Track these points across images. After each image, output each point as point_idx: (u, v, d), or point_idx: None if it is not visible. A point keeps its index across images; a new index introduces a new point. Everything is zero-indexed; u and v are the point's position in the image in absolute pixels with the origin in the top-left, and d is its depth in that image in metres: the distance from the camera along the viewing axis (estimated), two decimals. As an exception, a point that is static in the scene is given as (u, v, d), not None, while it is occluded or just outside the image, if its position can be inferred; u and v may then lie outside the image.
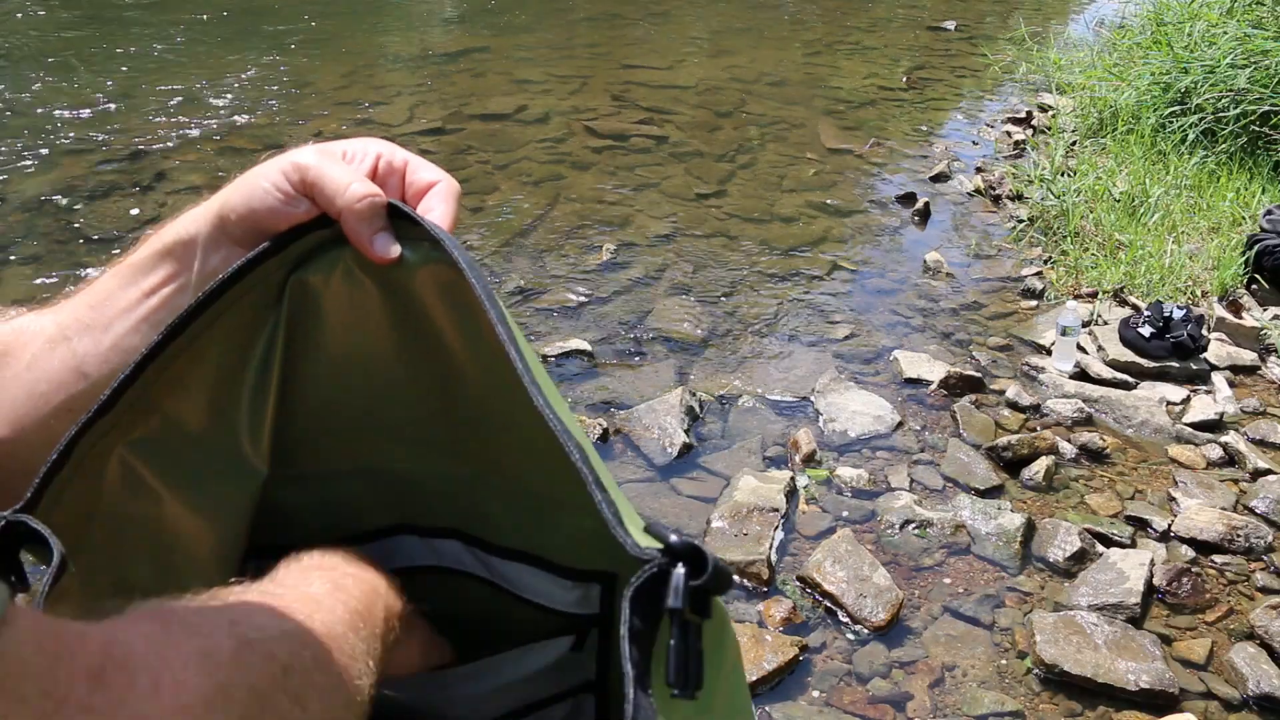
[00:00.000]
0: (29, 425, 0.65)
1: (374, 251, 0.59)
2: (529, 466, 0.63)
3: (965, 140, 6.06)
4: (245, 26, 7.81)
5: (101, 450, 0.56)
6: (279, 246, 0.60)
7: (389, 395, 0.64)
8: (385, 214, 0.60)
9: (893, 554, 2.73)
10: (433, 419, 0.64)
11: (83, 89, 6.17)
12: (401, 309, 0.61)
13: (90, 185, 4.89)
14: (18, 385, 0.65)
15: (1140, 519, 2.86)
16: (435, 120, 5.90)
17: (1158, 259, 4.14)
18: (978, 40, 8.09)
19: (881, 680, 2.35)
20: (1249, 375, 3.56)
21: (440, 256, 0.59)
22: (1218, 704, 2.30)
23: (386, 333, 0.62)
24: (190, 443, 0.59)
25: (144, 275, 0.65)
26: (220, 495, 0.61)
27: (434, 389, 0.63)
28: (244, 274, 0.58)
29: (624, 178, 5.26)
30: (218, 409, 0.61)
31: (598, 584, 0.66)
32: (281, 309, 0.61)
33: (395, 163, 0.64)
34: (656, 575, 0.45)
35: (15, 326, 0.68)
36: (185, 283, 0.64)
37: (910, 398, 3.45)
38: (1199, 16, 5.77)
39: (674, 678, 0.44)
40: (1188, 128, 5.05)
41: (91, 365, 0.64)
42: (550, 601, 0.67)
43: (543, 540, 0.66)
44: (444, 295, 0.60)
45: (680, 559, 0.45)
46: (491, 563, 0.68)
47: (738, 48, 7.78)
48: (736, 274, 4.33)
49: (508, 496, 0.65)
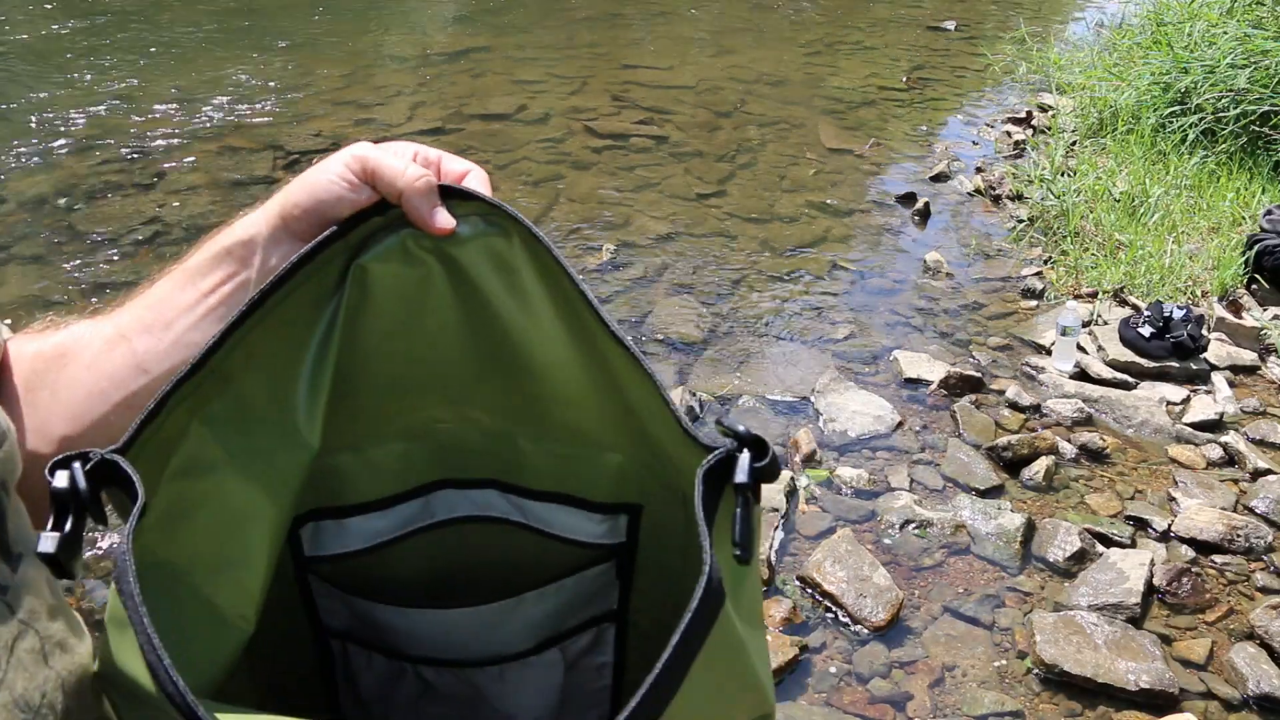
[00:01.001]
0: (90, 423, 0.67)
1: (434, 224, 0.64)
2: (564, 413, 0.69)
3: (965, 140, 6.05)
4: (245, 26, 7.81)
5: (180, 416, 0.59)
6: (343, 232, 0.65)
7: (437, 363, 0.69)
8: (438, 193, 0.65)
9: (893, 554, 2.73)
10: (476, 379, 0.70)
11: (83, 89, 6.17)
12: (454, 280, 0.66)
13: (90, 185, 4.89)
14: (78, 385, 0.68)
15: (1140, 519, 2.86)
16: (435, 120, 5.90)
17: (1158, 259, 4.14)
18: (978, 40, 8.09)
19: (881, 680, 2.35)
20: (1249, 375, 3.56)
21: (489, 229, 0.65)
22: (1218, 704, 2.30)
23: (438, 305, 0.67)
24: (252, 417, 0.63)
25: (203, 276, 0.69)
26: (273, 468, 0.64)
27: (479, 352, 0.69)
28: (315, 255, 0.63)
29: (624, 178, 5.26)
30: (278, 386, 0.64)
31: (625, 515, 0.72)
32: (342, 292, 0.65)
33: (430, 158, 0.70)
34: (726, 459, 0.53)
35: (73, 332, 0.71)
36: (245, 279, 0.68)
37: (910, 398, 3.45)
38: (1199, 16, 5.77)
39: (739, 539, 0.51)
40: (1188, 128, 5.05)
41: (152, 362, 0.68)
42: (580, 535, 0.73)
43: (574, 480, 0.72)
44: (493, 262, 0.66)
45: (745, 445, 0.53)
46: (526, 506, 0.74)
47: (738, 48, 7.78)
48: (736, 274, 4.33)
49: (542, 442, 0.71)
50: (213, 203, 4.82)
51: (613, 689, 0.80)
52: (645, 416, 0.65)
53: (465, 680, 0.77)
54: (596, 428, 0.68)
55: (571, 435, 0.70)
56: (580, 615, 0.77)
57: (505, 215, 0.65)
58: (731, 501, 0.53)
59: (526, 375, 0.68)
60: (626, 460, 0.70)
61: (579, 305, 0.63)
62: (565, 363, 0.66)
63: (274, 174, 5.15)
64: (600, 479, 0.71)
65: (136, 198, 4.83)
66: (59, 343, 0.71)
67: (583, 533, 0.73)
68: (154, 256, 4.33)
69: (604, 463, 0.70)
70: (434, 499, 0.74)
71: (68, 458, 0.52)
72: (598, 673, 0.79)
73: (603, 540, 0.74)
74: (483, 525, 0.75)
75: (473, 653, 0.76)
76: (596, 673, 0.79)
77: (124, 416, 0.67)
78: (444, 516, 0.75)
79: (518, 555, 0.75)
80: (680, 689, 0.47)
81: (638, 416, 0.67)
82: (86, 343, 0.70)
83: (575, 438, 0.70)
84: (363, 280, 0.66)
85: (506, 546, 0.75)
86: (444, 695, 0.77)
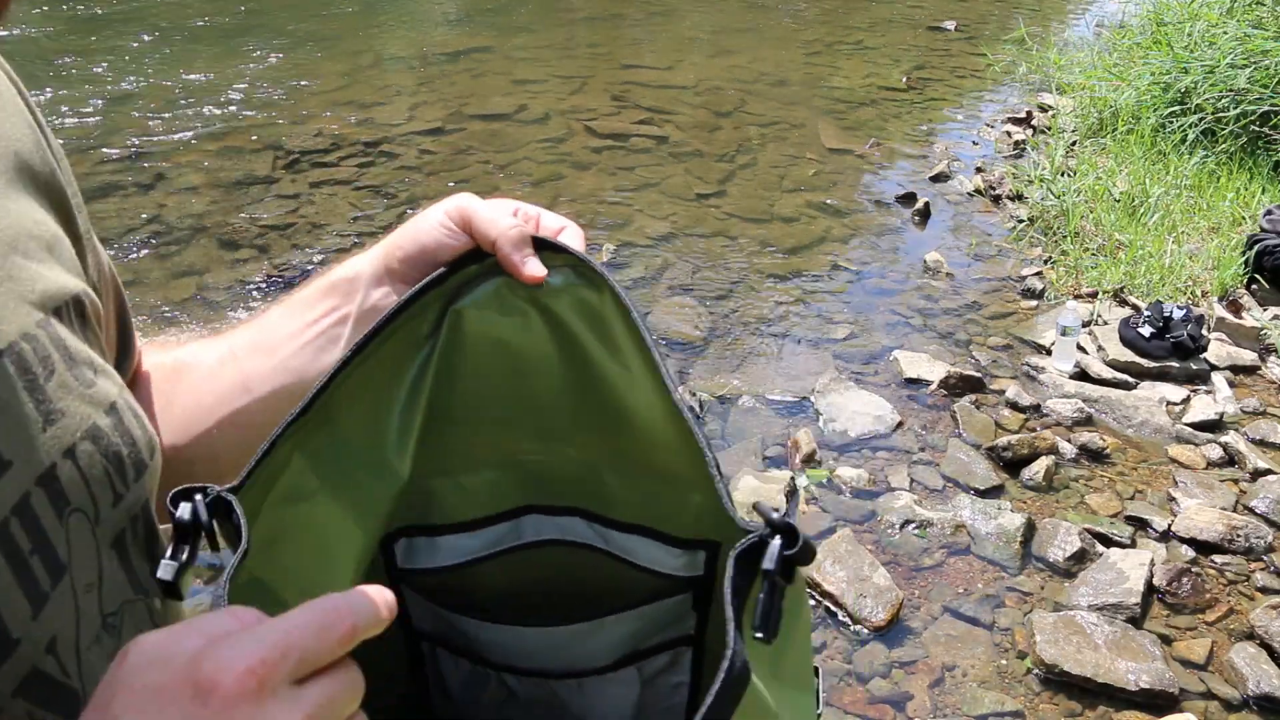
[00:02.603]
0: (195, 435, 0.73)
1: (525, 272, 0.68)
2: (648, 453, 0.73)
3: (965, 140, 6.05)
4: (245, 26, 7.81)
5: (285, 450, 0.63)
6: (441, 279, 0.69)
7: (530, 400, 0.73)
8: (532, 243, 0.69)
9: (893, 554, 2.73)
10: (567, 418, 0.74)
11: (83, 89, 6.17)
12: (548, 326, 0.71)
13: (90, 185, 4.89)
14: (190, 398, 0.74)
15: (1140, 519, 2.86)
16: (435, 120, 5.90)
17: (1158, 259, 4.14)
18: (978, 40, 8.09)
19: (881, 680, 2.35)
20: (1249, 375, 3.56)
21: (579, 281, 0.69)
22: (1218, 704, 2.30)
23: (532, 349, 0.71)
24: (348, 451, 0.67)
25: (309, 308, 0.74)
26: (364, 496, 0.69)
27: (571, 392, 0.73)
28: (415, 300, 0.68)
29: (624, 178, 5.27)
30: (373, 422, 0.69)
31: (703, 551, 0.76)
32: (439, 336, 0.70)
33: (530, 213, 0.73)
34: (757, 543, 0.56)
35: (190, 349, 0.78)
36: (347, 314, 0.73)
37: (910, 398, 3.45)
38: (1199, 16, 5.77)
39: (759, 623, 0.54)
40: (1188, 128, 5.05)
41: (256, 382, 0.73)
42: (660, 567, 0.77)
43: (656, 515, 0.75)
44: (582, 312, 0.70)
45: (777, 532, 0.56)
46: (609, 535, 0.78)
47: (738, 48, 7.78)
48: (736, 274, 4.33)
49: (627, 478, 0.75)
50: (213, 203, 4.83)
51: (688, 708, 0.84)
52: None
53: (545, 689, 0.81)
54: (679, 468, 0.72)
55: (655, 473, 0.73)
56: (657, 638, 0.80)
57: (594, 271, 0.68)
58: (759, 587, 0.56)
59: (617, 416, 0.72)
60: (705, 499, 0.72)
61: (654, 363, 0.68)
62: (653, 408, 0.70)
63: (274, 174, 5.15)
64: (682, 515, 0.74)
65: (136, 198, 4.83)
66: (176, 357, 0.78)
67: (663, 564, 0.77)
68: (154, 257, 4.33)
69: (685, 501, 0.73)
70: (522, 522, 0.78)
71: (189, 490, 0.55)
72: (674, 690, 0.83)
73: (681, 573, 0.77)
74: (568, 548, 0.78)
75: (552, 666, 0.80)
76: (673, 690, 0.83)
77: (226, 432, 0.73)
78: (531, 539, 0.78)
79: (599, 579, 0.78)
80: None
81: None
82: (199, 360, 0.76)
83: (659, 476, 0.73)
84: (458, 324, 0.70)
85: (589, 570, 0.78)
86: (525, 702, 0.82)
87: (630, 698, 0.82)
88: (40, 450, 0.53)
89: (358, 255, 0.75)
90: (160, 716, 0.41)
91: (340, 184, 5.05)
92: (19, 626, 0.49)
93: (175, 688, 0.41)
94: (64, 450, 0.55)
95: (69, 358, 0.57)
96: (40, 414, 0.54)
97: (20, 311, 0.55)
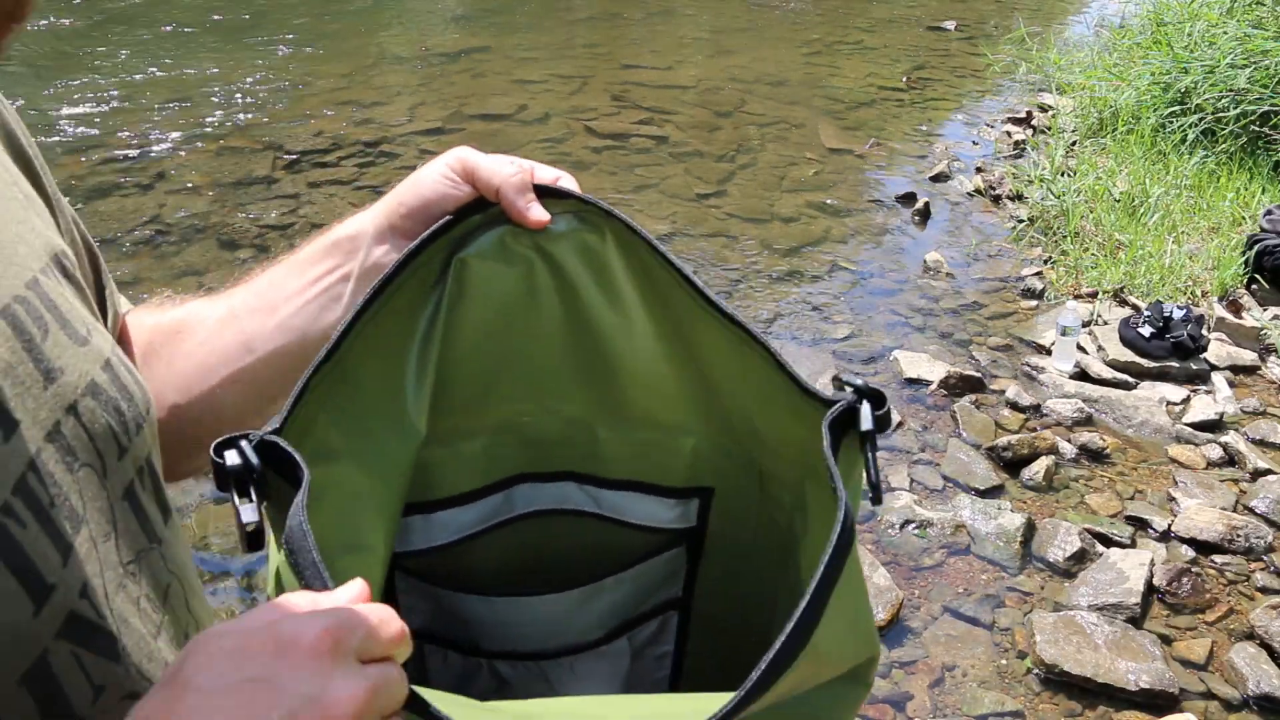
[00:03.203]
0: (197, 394, 0.73)
1: (531, 217, 0.68)
2: (643, 402, 0.73)
3: (965, 140, 6.05)
4: (245, 26, 7.81)
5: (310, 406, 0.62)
6: (446, 228, 0.68)
7: (531, 357, 0.73)
8: (534, 188, 0.69)
9: (893, 554, 2.73)
10: (562, 373, 0.73)
11: (83, 88, 6.17)
12: (551, 275, 0.70)
13: (90, 185, 4.89)
14: (191, 358, 0.74)
15: (1140, 519, 2.86)
16: (435, 120, 5.90)
17: (1158, 259, 4.14)
18: (978, 40, 8.09)
19: (881, 680, 2.35)
20: (1249, 375, 3.56)
21: (582, 226, 0.69)
22: (1218, 704, 2.30)
23: (534, 300, 0.71)
24: (367, 406, 0.66)
25: (311, 266, 0.73)
26: (387, 455, 0.67)
27: (570, 347, 0.72)
28: (423, 248, 0.67)
29: (624, 178, 5.26)
30: (389, 375, 0.68)
31: (696, 499, 0.75)
32: (445, 285, 0.69)
33: (525, 165, 0.73)
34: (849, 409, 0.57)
35: (189, 308, 0.77)
36: (349, 272, 0.72)
37: (910, 398, 3.45)
38: (1199, 16, 5.77)
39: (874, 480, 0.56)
40: (1188, 128, 5.05)
41: (258, 342, 0.73)
42: (653, 521, 0.77)
43: (649, 466, 0.75)
44: (585, 257, 0.69)
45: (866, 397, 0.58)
46: (601, 496, 0.77)
47: (738, 48, 7.78)
48: (736, 274, 4.33)
49: (620, 431, 0.74)
50: (213, 203, 4.83)
51: (671, 680, 0.83)
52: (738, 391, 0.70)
53: (539, 674, 0.80)
54: (674, 413, 0.72)
55: (649, 421, 0.74)
56: (649, 602, 0.80)
57: (599, 211, 0.68)
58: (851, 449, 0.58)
59: (609, 366, 0.72)
60: (701, 442, 0.73)
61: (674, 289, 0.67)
62: (648, 352, 0.70)
63: (274, 174, 5.15)
64: (675, 463, 0.75)
65: (136, 198, 4.83)
66: (176, 318, 0.77)
67: (656, 518, 0.77)
68: (154, 256, 4.33)
69: (678, 447, 0.73)
70: (514, 493, 0.78)
71: (233, 438, 0.54)
72: (658, 663, 0.83)
73: (674, 525, 0.77)
74: (561, 517, 0.78)
75: (549, 643, 0.79)
76: (657, 663, 0.83)
77: (229, 391, 0.73)
78: (524, 510, 0.78)
79: (594, 544, 0.78)
80: (820, 620, 0.50)
81: (720, 396, 0.70)
82: (200, 320, 0.75)
83: (652, 424, 0.73)
84: (462, 274, 0.69)
85: (584, 536, 0.78)
86: (517, 691, 0.81)
87: (620, 673, 0.82)
88: (45, 408, 0.54)
89: (360, 212, 0.74)
90: (239, 672, 0.43)
91: (340, 184, 5.05)
92: (52, 573, 0.51)
93: (255, 646, 0.44)
94: (66, 407, 0.56)
95: (60, 316, 0.58)
96: (40, 373, 0.54)
97: (9, 273, 0.55)
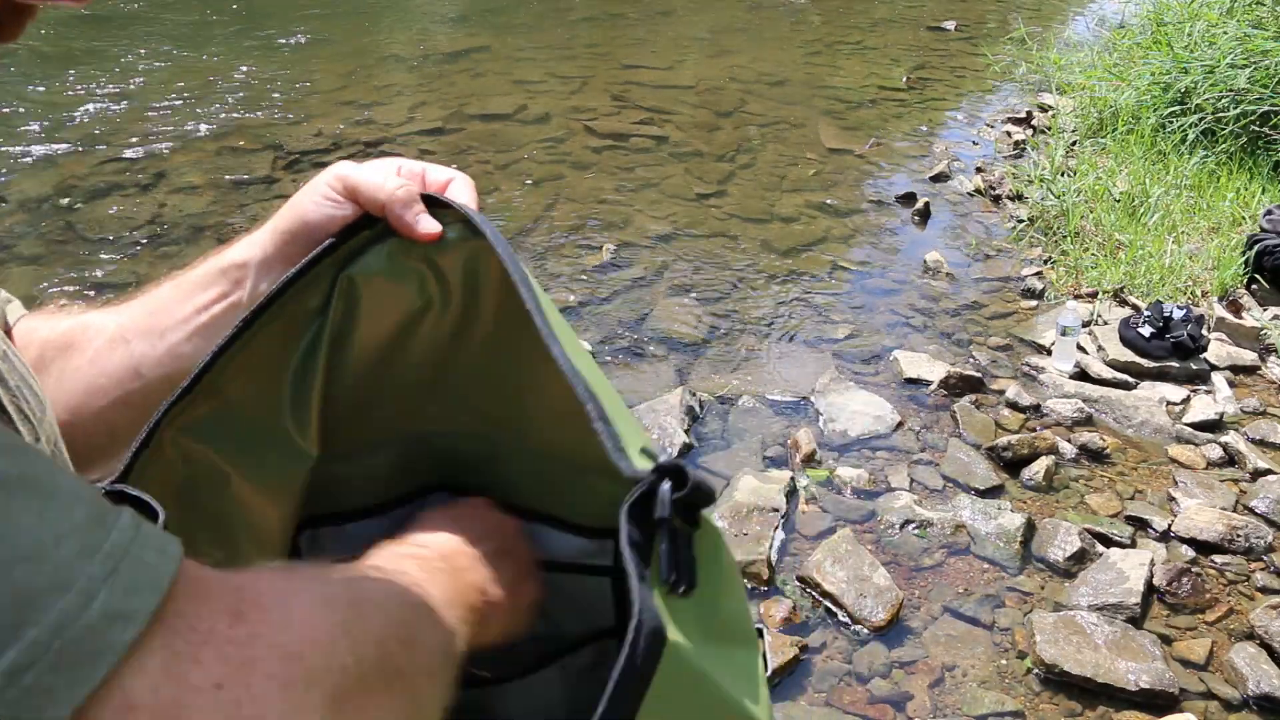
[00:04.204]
0: (86, 414, 0.73)
1: (419, 231, 0.65)
2: (554, 432, 0.69)
3: (965, 140, 6.05)
4: (245, 26, 7.81)
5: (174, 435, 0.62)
6: (331, 249, 0.66)
7: (423, 367, 0.70)
8: (421, 201, 0.66)
9: (893, 554, 2.73)
10: (465, 386, 0.71)
11: (83, 88, 6.17)
12: (438, 288, 0.67)
13: (90, 185, 4.89)
14: (79, 377, 0.74)
15: (1140, 519, 2.86)
16: (435, 120, 5.90)
17: (1158, 259, 4.14)
18: (978, 40, 8.09)
19: (881, 680, 2.35)
20: (1249, 375, 3.56)
21: (470, 236, 0.65)
22: (1218, 704, 2.30)
23: (425, 311, 0.68)
24: (246, 424, 0.65)
25: (200, 290, 0.73)
26: (280, 474, 0.67)
27: (467, 359, 0.70)
28: (303, 274, 0.65)
29: (624, 178, 5.26)
30: (267, 395, 0.67)
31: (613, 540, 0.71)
32: (330, 305, 0.67)
33: (414, 170, 0.72)
34: (647, 491, 0.51)
35: (81, 322, 0.76)
36: (237, 300, 0.72)
37: (910, 398, 3.45)
38: (1199, 16, 5.77)
39: (666, 573, 0.50)
40: (1188, 128, 5.05)
41: (147, 367, 0.73)
42: (565, 556, 0.73)
43: (563, 503, 0.72)
44: (476, 270, 0.66)
45: (665, 476, 0.51)
46: None
47: (738, 48, 7.78)
48: (736, 274, 4.33)
49: (533, 463, 0.72)
50: (213, 203, 4.82)
51: None
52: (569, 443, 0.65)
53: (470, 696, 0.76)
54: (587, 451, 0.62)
55: (561, 458, 0.69)
56: (578, 629, 0.76)
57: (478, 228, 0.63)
58: None
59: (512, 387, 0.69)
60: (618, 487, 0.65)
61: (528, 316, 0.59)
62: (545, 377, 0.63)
63: (274, 174, 5.15)
64: (590, 503, 0.70)
65: (136, 198, 4.83)
66: (67, 330, 0.76)
67: (567, 554, 0.73)
68: (154, 256, 4.33)
69: (595, 488, 0.68)
70: (430, 501, 0.75)
71: None
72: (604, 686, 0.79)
73: (592, 561, 0.73)
74: None
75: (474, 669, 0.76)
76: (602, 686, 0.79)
77: (119, 413, 0.72)
78: None
79: None
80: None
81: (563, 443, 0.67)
82: (91, 337, 0.75)
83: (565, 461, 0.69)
84: (349, 292, 0.67)
85: None
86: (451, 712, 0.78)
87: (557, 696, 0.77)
88: None
89: (249, 235, 0.74)
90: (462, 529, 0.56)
91: (340, 184, 5.05)
92: None
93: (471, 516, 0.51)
94: None
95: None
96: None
97: None
